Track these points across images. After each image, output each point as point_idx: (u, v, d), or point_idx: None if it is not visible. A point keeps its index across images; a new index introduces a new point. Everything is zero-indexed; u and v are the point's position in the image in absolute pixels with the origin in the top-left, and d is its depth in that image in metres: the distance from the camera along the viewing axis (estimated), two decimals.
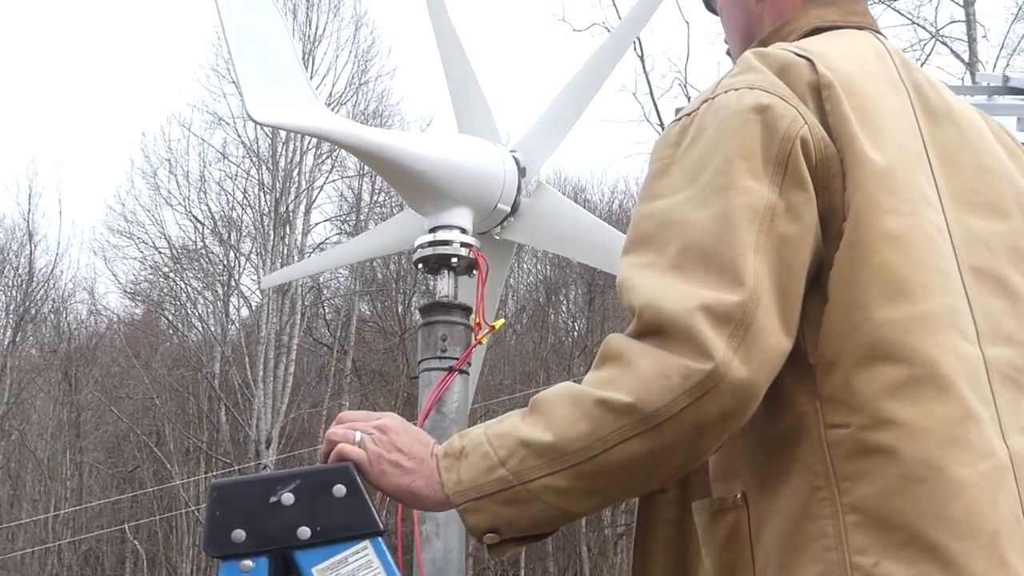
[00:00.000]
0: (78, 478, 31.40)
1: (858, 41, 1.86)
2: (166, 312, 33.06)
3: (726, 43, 2.14)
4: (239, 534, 1.66)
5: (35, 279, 31.86)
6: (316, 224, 31.00)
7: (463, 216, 4.03)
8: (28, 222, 31.83)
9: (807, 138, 1.63)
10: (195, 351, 30.33)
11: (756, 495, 1.67)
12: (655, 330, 1.56)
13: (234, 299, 30.83)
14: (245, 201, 29.81)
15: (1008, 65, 21.40)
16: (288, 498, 1.67)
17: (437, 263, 4.02)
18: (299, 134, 27.52)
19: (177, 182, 30.41)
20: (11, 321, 31.07)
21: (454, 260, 3.98)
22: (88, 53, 66.44)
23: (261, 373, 27.07)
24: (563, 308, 33.81)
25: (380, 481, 1.70)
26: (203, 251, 30.60)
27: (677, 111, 1.85)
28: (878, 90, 1.76)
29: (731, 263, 1.56)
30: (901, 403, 1.55)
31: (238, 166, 29.83)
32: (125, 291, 33.65)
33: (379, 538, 1.69)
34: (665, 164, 1.72)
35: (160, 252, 31.19)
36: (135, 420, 31.15)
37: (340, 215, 31.33)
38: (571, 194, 32.14)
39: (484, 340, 3.63)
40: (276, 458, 25.84)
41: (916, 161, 1.72)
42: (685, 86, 24.34)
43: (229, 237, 30.13)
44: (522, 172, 4.38)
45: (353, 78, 29.69)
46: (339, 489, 1.68)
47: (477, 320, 3.68)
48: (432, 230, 4.05)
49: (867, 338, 1.58)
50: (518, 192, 4.31)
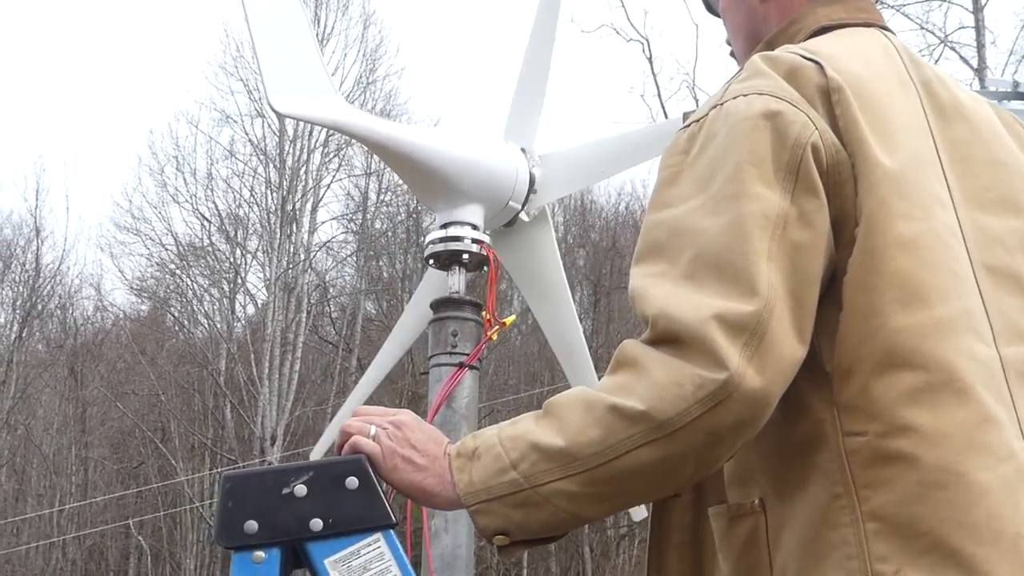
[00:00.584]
0: (83, 473, 31.44)
1: (866, 40, 1.85)
2: (172, 309, 33.08)
3: (728, 44, 2.13)
4: (251, 525, 1.66)
5: (42, 275, 31.93)
6: (323, 222, 31.13)
7: (475, 213, 4.04)
8: (35, 218, 31.91)
9: (818, 144, 1.62)
10: (201, 348, 30.34)
11: (774, 501, 1.66)
12: (669, 339, 1.56)
13: (240, 296, 30.86)
14: (252, 199, 29.83)
15: (1017, 71, 21.35)
16: (301, 490, 1.67)
17: (448, 259, 4.03)
18: (316, 126, 27.61)
19: (184, 179, 30.46)
20: (18, 316, 31.12)
21: (465, 256, 3.99)
22: (96, 50, 66.50)
23: (267, 370, 27.07)
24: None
25: (392, 476, 1.70)
26: (210, 248, 30.63)
27: (685, 116, 1.84)
28: (887, 90, 1.75)
29: (744, 272, 1.55)
30: (919, 409, 1.55)
31: (245, 164, 29.87)
32: (131, 287, 33.70)
33: (391, 530, 1.69)
34: (675, 172, 1.71)
35: (167, 249, 31.23)
36: (140, 416, 31.18)
37: (347, 214, 31.35)
38: (577, 195, 32.15)
39: (495, 336, 3.63)
40: (281, 455, 25.84)
41: (927, 162, 1.71)
42: (693, 88, 24.36)
43: (236, 235, 30.15)
44: (534, 190, 4.41)
45: (361, 77, 29.71)
46: (352, 481, 1.68)
47: (488, 316, 3.68)
48: (443, 226, 4.07)
49: (883, 345, 1.57)
50: (530, 177, 4.32)
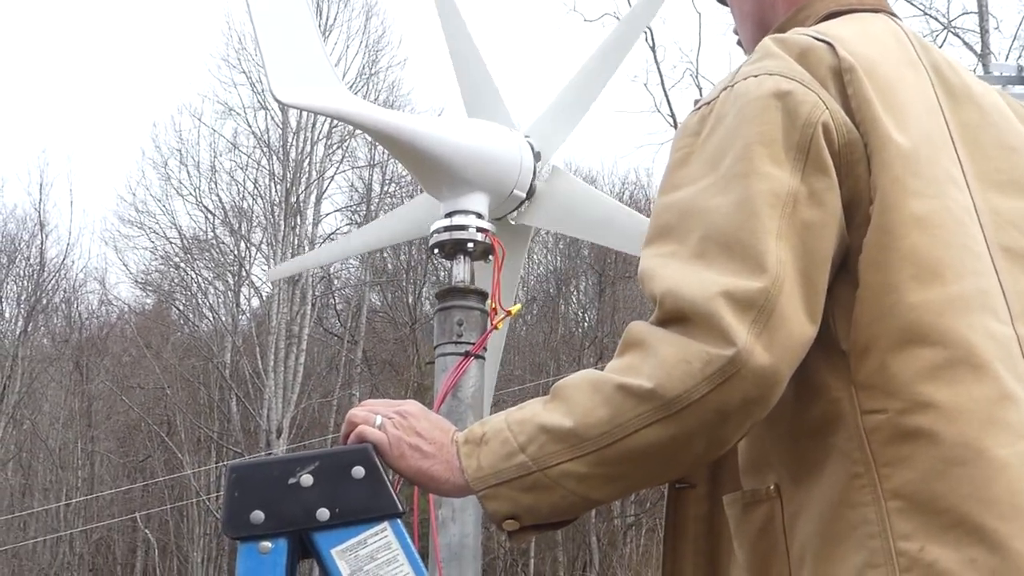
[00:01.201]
0: (89, 467, 31.50)
1: (875, 24, 1.84)
2: (177, 302, 33.13)
3: (736, 34, 2.12)
4: (258, 515, 1.65)
5: (46, 269, 31.95)
6: (327, 214, 31.13)
7: (479, 201, 4.02)
8: (39, 212, 31.92)
9: (829, 123, 1.61)
10: (206, 341, 30.38)
11: (789, 486, 1.65)
12: (677, 317, 1.55)
13: (245, 289, 30.89)
14: (256, 191, 29.85)
15: (1021, 56, 21.32)
16: (307, 479, 1.66)
17: (453, 248, 4.02)
18: (319, 118, 27.62)
19: (188, 172, 30.47)
20: (23, 311, 31.16)
21: (470, 245, 3.98)
22: (99, 44, 66.50)
23: (272, 363, 27.10)
24: (573, 299, 33.81)
25: (399, 464, 1.69)
26: (214, 241, 30.64)
27: (696, 102, 1.84)
28: (899, 72, 1.74)
29: (753, 249, 1.54)
30: (938, 386, 1.53)
31: (249, 156, 29.88)
32: (136, 281, 33.74)
33: (398, 520, 1.68)
34: (685, 154, 1.70)
35: (171, 242, 31.26)
36: (146, 410, 31.24)
37: (351, 205, 31.37)
38: (581, 180, 32.04)
39: (500, 325, 3.62)
40: (287, 448, 25.87)
41: (940, 142, 1.70)
42: (696, 76, 24.26)
43: (240, 227, 30.16)
44: (537, 157, 4.38)
45: (364, 68, 29.70)
46: (358, 471, 1.67)
47: (493, 305, 3.67)
48: (448, 215, 4.05)
49: (900, 322, 1.56)
50: (534, 177, 4.31)
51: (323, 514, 1.65)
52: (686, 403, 1.51)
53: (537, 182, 4.30)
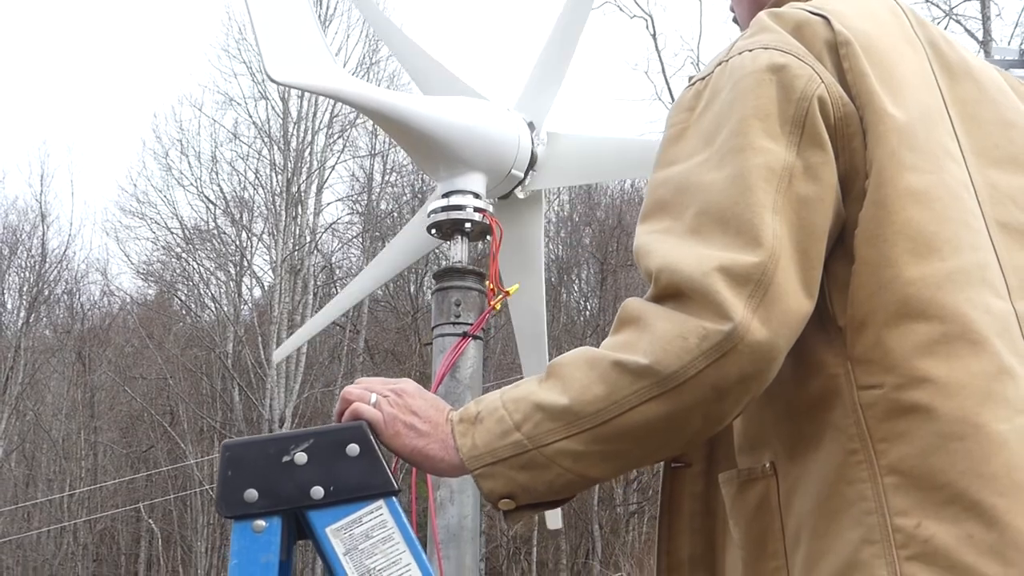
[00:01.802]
0: (93, 458, 31.54)
1: (872, 0, 1.83)
2: (179, 292, 33.14)
3: (732, 11, 2.10)
4: (252, 494, 1.64)
5: (48, 260, 31.98)
6: (328, 204, 31.06)
7: (477, 181, 4.00)
8: (40, 203, 31.95)
9: (824, 97, 1.60)
10: (208, 331, 30.39)
11: (785, 463, 1.64)
12: (673, 293, 1.54)
13: (247, 279, 30.88)
14: (257, 181, 29.85)
15: (1023, 43, 21.26)
16: (301, 457, 1.65)
17: (451, 228, 4.00)
18: (320, 109, 27.59)
19: (189, 163, 30.48)
20: (25, 302, 31.18)
21: (467, 225, 3.96)
22: (99, 34, 66.42)
23: (274, 353, 27.10)
24: (575, 287, 33.79)
25: (394, 443, 1.68)
26: (215, 231, 30.65)
27: (690, 78, 1.82)
28: (895, 47, 1.73)
29: (748, 224, 1.53)
30: (935, 360, 1.52)
31: (249, 146, 29.87)
32: (138, 272, 33.79)
33: (394, 498, 1.67)
34: (680, 129, 1.69)
35: (172, 233, 31.27)
36: (149, 400, 31.26)
37: (352, 195, 31.37)
38: None
39: (498, 306, 3.60)
40: None
41: (937, 117, 1.69)
42: (697, 64, 24.26)
43: (241, 217, 30.18)
44: (531, 127, 4.37)
45: (364, 58, 29.62)
46: (353, 448, 1.66)
47: (491, 286, 3.65)
48: (445, 195, 4.03)
49: (897, 296, 1.55)
50: (532, 156, 4.28)
51: (317, 492, 1.64)
52: (683, 379, 1.50)
53: (537, 151, 4.28)
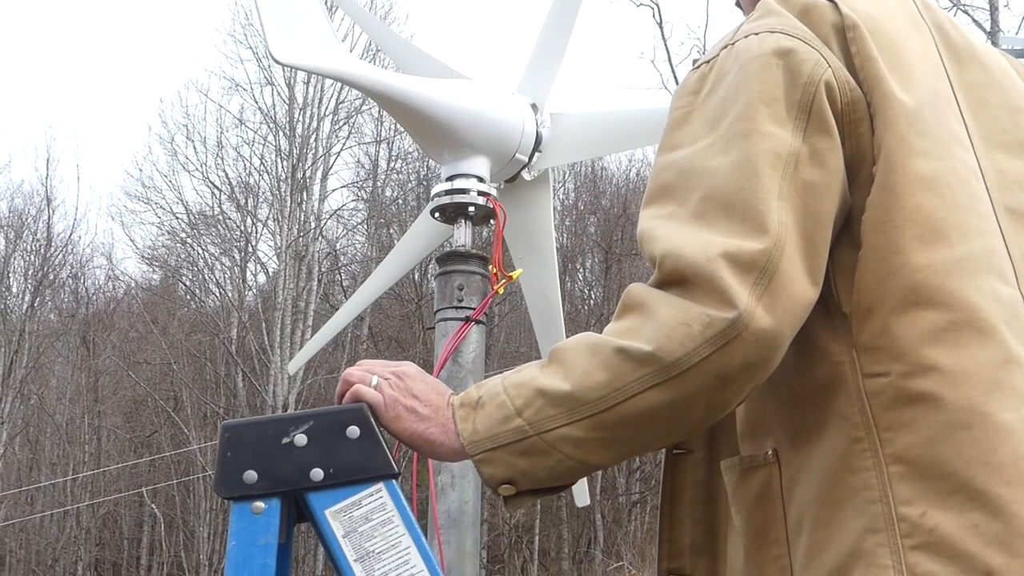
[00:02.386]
0: (96, 442, 31.59)
1: None
2: (183, 278, 33.16)
3: None
4: (251, 475, 1.63)
5: (53, 244, 32.00)
6: (333, 190, 31.10)
7: (481, 165, 3.98)
8: (46, 187, 32.05)
9: (831, 82, 1.58)
10: (212, 317, 30.41)
11: (788, 451, 1.63)
12: (677, 279, 1.52)
13: (251, 265, 30.90)
14: (262, 167, 29.85)
15: None
16: (301, 439, 1.64)
17: (454, 212, 3.98)
18: (324, 87, 27.55)
19: (194, 148, 30.48)
20: (30, 286, 31.21)
21: (471, 209, 3.94)
22: (106, 19, 66.38)
23: (278, 339, 27.12)
24: (579, 276, 33.79)
25: (395, 426, 1.67)
26: (220, 217, 30.65)
27: (695, 61, 1.80)
28: (902, 30, 1.71)
29: (754, 210, 1.51)
30: (942, 349, 1.51)
31: (255, 132, 29.86)
32: (143, 256, 33.79)
33: (393, 481, 1.66)
34: (685, 113, 1.67)
35: (177, 218, 31.28)
36: (153, 385, 31.30)
37: (357, 181, 31.36)
38: (588, 162, 32.07)
39: (501, 290, 3.58)
40: None
41: (944, 101, 1.68)
42: (704, 53, 24.21)
43: (246, 203, 30.17)
44: (539, 149, 4.35)
45: (370, 44, 29.53)
46: (353, 431, 1.65)
47: (494, 270, 3.63)
48: (449, 178, 4.01)
49: (905, 283, 1.53)
50: (537, 139, 4.26)
51: (317, 474, 1.63)
52: (686, 366, 1.49)
53: (541, 132, 4.26)
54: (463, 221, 3.93)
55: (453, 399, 1.67)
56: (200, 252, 31.50)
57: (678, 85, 1.75)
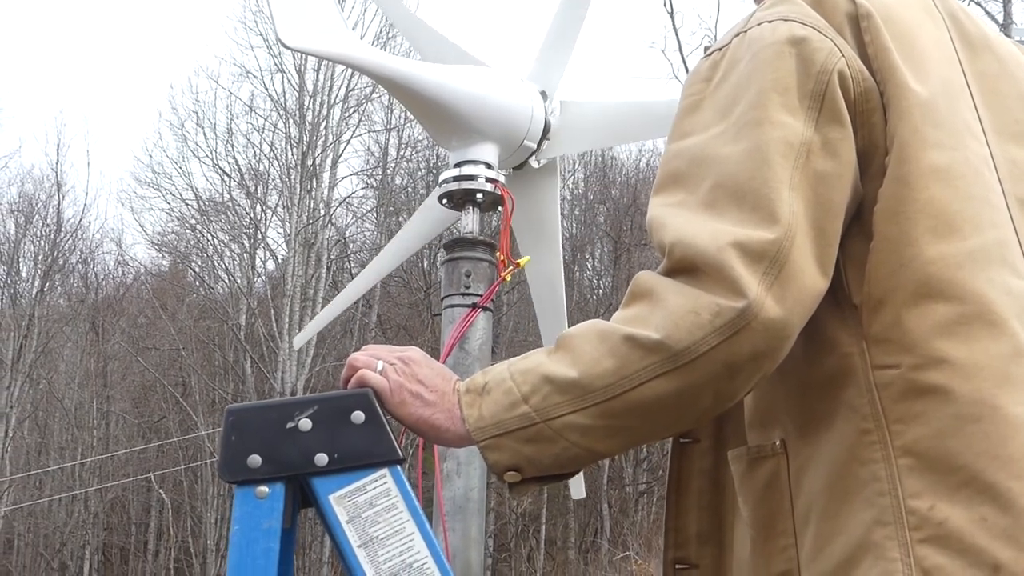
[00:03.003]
0: (105, 427, 31.67)
1: None
2: (193, 264, 33.21)
3: None
4: (255, 459, 1.63)
5: (63, 230, 32.04)
6: (343, 178, 31.04)
7: (489, 151, 3.96)
8: (56, 173, 32.12)
9: (844, 71, 1.57)
10: (221, 303, 30.46)
11: (796, 442, 1.62)
12: (686, 267, 1.52)
13: (260, 252, 30.91)
14: (272, 154, 29.84)
15: None
16: (306, 424, 1.63)
17: (462, 198, 3.96)
18: (335, 82, 27.55)
19: (204, 134, 30.58)
20: (39, 271, 31.27)
21: (479, 196, 3.91)
22: (116, 5, 66.41)
23: (287, 326, 27.15)
24: (588, 266, 33.78)
25: (400, 411, 1.66)
26: (230, 203, 30.68)
27: (707, 48, 1.79)
28: (916, 19, 1.70)
29: (765, 199, 1.50)
30: (953, 342, 1.50)
31: (265, 119, 29.85)
32: (152, 242, 33.82)
33: (398, 467, 1.66)
34: (696, 100, 1.66)
35: (187, 204, 31.31)
36: (161, 371, 31.37)
37: (367, 169, 31.37)
38: (598, 152, 32.03)
39: (508, 277, 3.56)
40: None
41: (958, 92, 1.67)
42: (715, 42, 24.14)
43: (256, 190, 30.18)
44: (547, 137, 4.32)
45: (381, 32, 29.51)
46: (358, 416, 1.64)
47: (502, 257, 3.62)
48: (457, 165, 3.99)
49: (917, 275, 1.53)
50: (545, 127, 4.25)
51: (321, 459, 1.63)
52: (694, 355, 1.49)
53: (550, 119, 4.25)
54: (471, 207, 3.91)
55: (459, 384, 1.67)
56: (209, 239, 31.55)
57: (689, 73, 1.74)
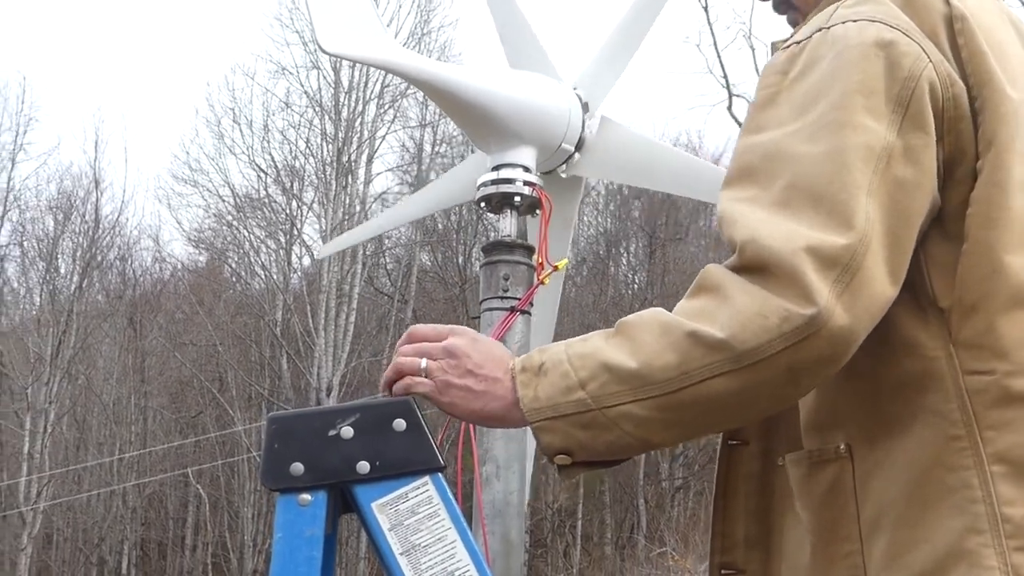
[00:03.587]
0: (142, 423, 31.88)
1: None
2: (229, 260, 33.37)
3: None
4: (297, 467, 1.63)
5: (101, 226, 32.22)
6: (378, 174, 31.18)
7: (527, 154, 3.96)
8: (95, 170, 32.14)
9: (932, 78, 1.54)
10: (258, 299, 30.59)
11: (863, 446, 1.60)
12: (757, 267, 1.49)
13: (296, 248, 31.01)
14: (308, 150, 29.92)
15: None
16: (347, 432, 1.63)
17: (500, 202, 3.96)
18: (371, 79, 27.60)
19: (241, 131, 30.60)
20: (78, 267, 31.45)
21: (517, 199, 3.91)
22: (153, 3, 66.76)
23: (322, 322, 27.25)
24: (623, 261, 33.72)
25: (452, 411, 1.65)
26: (266, 200, 30.78)
27: (774, 43, 1.76)
28: (997, 23, 1.68)
29: (842, 204, 1.48)
30: None
31: (301, 116, 29.94)
32: (189, 239, 34.04)
33: (439, 474, 1.65)
34: (772, 93, 1.62)
35: (224, 200, 31.45)
36: (198, 366, 31.53)
37: (402, 165, 31.41)
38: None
39: (547, 280, 3.55)
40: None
41: None
42: (750, 37, 24.05)
43: (292, 186, 30.27)
44: (585, 108, 4.31)
45: (416, 28, 29.58)
46: (399, 423, 1.64)
47: (540, 260, 3.61)
48: (495, 168, 3.99)
49: (1012, 282, 1.52)
50: (583, 130, 4.23)
51: (363, 467, 1.63)
52: (758, 358, 1.47)
53: (586, 133, 4.23)
54: (509, 211, 3.91)
55: (515, 362, 1.64)
56: (246, 235, 31.68)
57: (765, 64, 1.71)
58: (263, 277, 31.33)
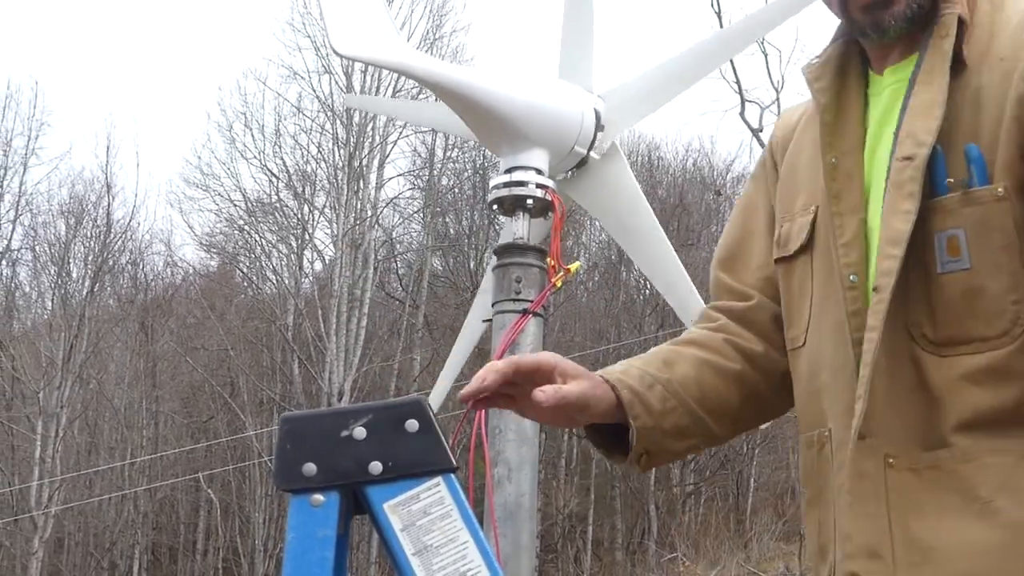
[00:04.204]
0: (154, 427, 31.93)
1: None
2: (241, 264, 33.42)
3: None
4: (310, 468, 1.62)
5: (113, 231, 32.29)
6: (390, 179, 31.12)
7: (539, 157, 3.94)
8: (106, 174, 32.21)
9: None
10: (269, 304, 30.62)
11: None
12: None
13: (308, 252, 31.07)
14: (319, 155, 29.98)
15: None
16: (360, 432, 1.63)
17: (512, 204, 3.95)
18: (382, 77, 27.63)
19: (252, 136, 30.67)
20: (90, 272, 31.52)
21: (529, 202, 3.90)
22: (165, 7, 66.97)
23: (334, 326, 27.27)
24: (635, 266, 33.67)
25: None
26: (278, 204, 30.84)
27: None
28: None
29: None
30: None
31: (312, 120, 30.00)
32: (201, 243, 34.14)
33: (452, 475, 1.65)
34: None
35: (235, 205, 31.53)
36: (210, 371, 31.57)
37: (413, 170, 31.45)
38: (645, 152, 31.96)
39: (560, 283, 3.55)
40: None
41: None
42: (762, 43, 23.97)
43: (303, 191, 30.32)
44: (600, 127, 4.29)
45: (428, 33, 29.63)
46: (412, 424, 1.64)
47: (552, 263, 3.60)
48: (507, 171, 3.99)
49: None
50: (593, 141, 4.23)
51: (376, 467, 1.62)
52: None
53: (592, 153, 4.22)
54: (521, 213, 3.90)
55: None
56: (257, 239, 31.75)
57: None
58: (275, 282, 31.38)
